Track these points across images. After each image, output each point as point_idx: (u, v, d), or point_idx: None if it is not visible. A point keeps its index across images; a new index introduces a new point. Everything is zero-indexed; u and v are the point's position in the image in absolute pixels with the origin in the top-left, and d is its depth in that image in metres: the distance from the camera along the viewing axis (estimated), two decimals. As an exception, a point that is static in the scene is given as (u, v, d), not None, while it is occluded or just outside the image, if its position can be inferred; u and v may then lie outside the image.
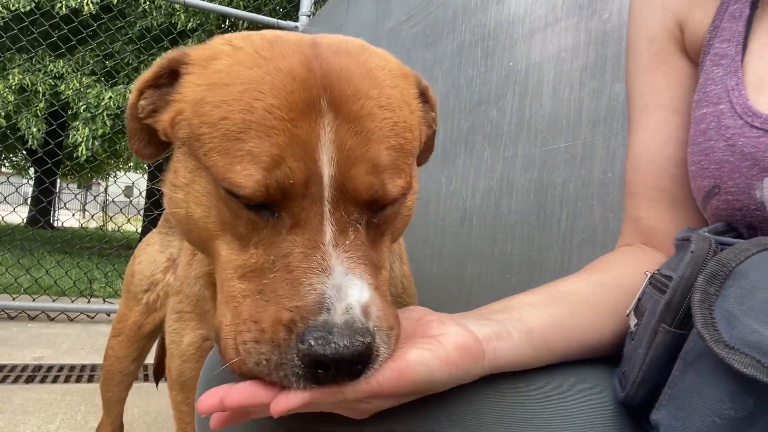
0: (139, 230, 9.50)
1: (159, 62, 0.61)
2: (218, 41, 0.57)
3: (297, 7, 3.86)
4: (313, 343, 0.43)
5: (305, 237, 0.48)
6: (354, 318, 0.45)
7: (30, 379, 2.42)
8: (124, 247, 5.95)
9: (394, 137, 0.52)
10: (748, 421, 0.40)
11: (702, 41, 0.64)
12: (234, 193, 0.48)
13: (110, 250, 5.79)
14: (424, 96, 0.64)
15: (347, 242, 0.49)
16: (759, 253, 0.43)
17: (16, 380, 2.39)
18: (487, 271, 1.59)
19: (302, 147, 0.48)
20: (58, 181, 12.14)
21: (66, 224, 10.05)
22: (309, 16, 3.65)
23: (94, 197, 6.63)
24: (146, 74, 0.63)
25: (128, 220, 5.50)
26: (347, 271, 0.47)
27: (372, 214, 0.52)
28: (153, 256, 1.33)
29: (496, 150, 1.60)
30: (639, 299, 0.55)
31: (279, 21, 3.71)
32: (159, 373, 1.67)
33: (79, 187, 15.29)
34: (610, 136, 1.20)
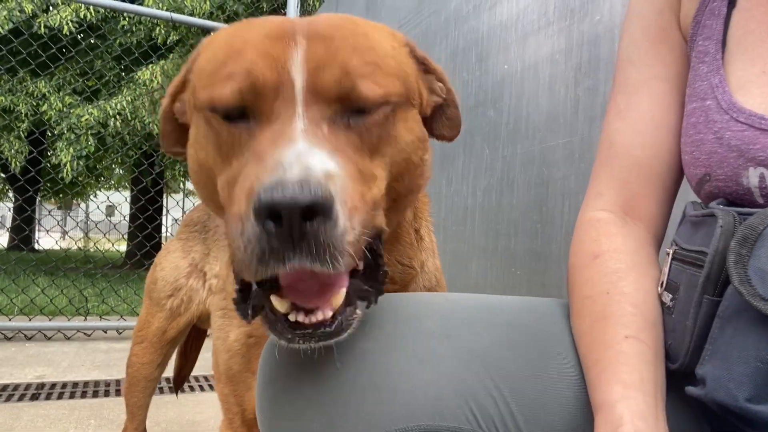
0: (123, 250, 9.42)
1: (184, 66, 0.69)
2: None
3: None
4: (262, 194, 0.43)
5: (275, 129, 0.52)
6: (310, 175, 0.45)
7: (35, 397, 2.41)
8: (110, 267, 5.91)
9: (369, 54, 0.57)
10: None
11: (688, 32, 0.69)
12: (215, 108, 0.55)
13: (95, 270, 5.74)
14: (422, 63, 0.69)
15: (319, 132, 0.52)
16: None
17: (21, 398, 2.38)
18: (491, 266, 1.65)
19: (274, 59, 0.54)
20: (38, 202, 11.98)
21: (48, 246, 9.94)
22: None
23: (77, 223, 6.55)
24: (176, 80, 0.70)
25: (112, 244, 5.46)
26: (313, 145, 0.49)
27: (350, 115, 0.55)
28: (175, 262, 1.37)
29: (495, 149, 1.67)
30: (668, 275, 0.60)
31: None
32: (178, 382, 1.69)
33: (59, 209, 15.09)
34: (607, 130, 1.28)
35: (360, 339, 0.56)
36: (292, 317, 0.52)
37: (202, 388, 2.70)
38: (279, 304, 0.53)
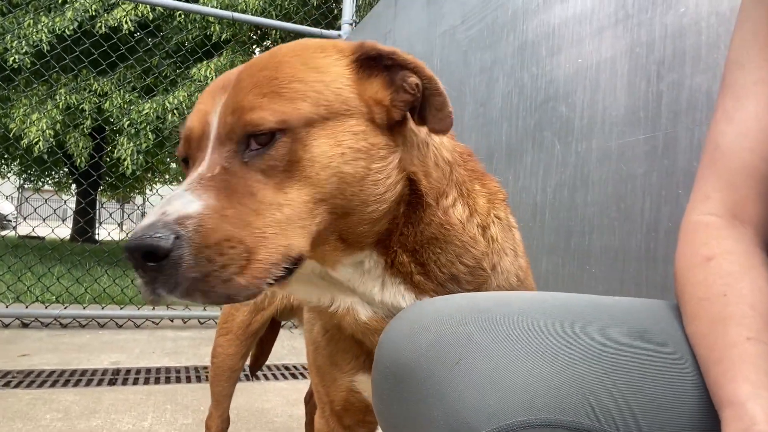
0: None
1: None
2: None
3: (337, 16, 3.96)
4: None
5: (188, 176, 0.62)
6: (159, 220, 0.53)
7: (112, 382, 2.55)
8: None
9: (268, 86, 0.63)
10: None
11: None
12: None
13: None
14: (385, 62, 0.70)
15: (209, 174, 0.60)
16: None
17: (99, 383, 2.52)
18: (563, 264, 1.64)
19: (203, 113, 0.65)
20: (98, 197, 12.52)
21: (109, 238, 10.38)
22: (351, 24, 3.73)
23: (137, 207, 6.82)
24: None
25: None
26: (188, 190, 0.58)
27: (248, 150, 0.62)
28: None
29: (566, 145, 1.65)
30: None
31: (322, 31, 3.81)
32: (254, 370, 1.76)
33: (118, 202, 15.75)
34: (693, 126, 1.24)
35: (476, 333, 0.58)
36: None
37: (267, 377, 2.79)
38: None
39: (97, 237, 11.63)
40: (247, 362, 1.59)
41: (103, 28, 7.01)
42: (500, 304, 0.62)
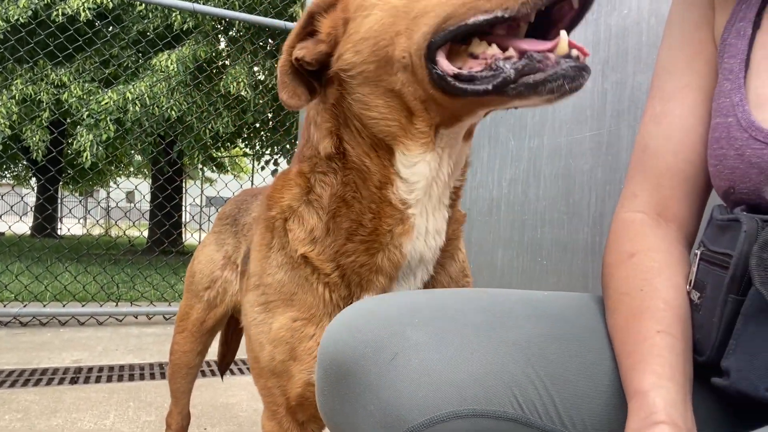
0: (145, 234, 9.60)
1: (305, 16, 0.81)
2: None
3: (302, 6, 3.93)
4: None
5: None
6: None
7: (74, 380, 2.52)
8: (137, 254, 6.04)
9: None
10: None
11: (718, 48, 0.72)
12: None
13: (121, 256, 5.86)
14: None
15: None
16: None
17: (61, 381, 2.49)
18: (517, 256, 1.69)
19: None
20: (60, 190, 12.19)
21: (71, 231, 10.10)
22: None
23: (98, 203, 6.68)
24: (294, 32, 0.80)
25: (139, 231, 5.56)
26: None
27: None
28: (210, 255, 1.43)
29: (520, 141, 1.70)
30: (695, 275, 0.64)
31: (286, 23, 3.78)
32: (222, 368, 1.77)
33: (80, 194, 15.37)
34: (635, 123, 1.30)
35: (411, 331, 0.61)
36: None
37: (232, 372, 2.80)
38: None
39: (59, 232, 11.35)
40: (212, 358, 1.61)
41: (60, 17, 6.80)
42: (435, 303, 0.66)
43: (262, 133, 9.29)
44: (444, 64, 0.69)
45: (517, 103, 0.69)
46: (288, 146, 8.71)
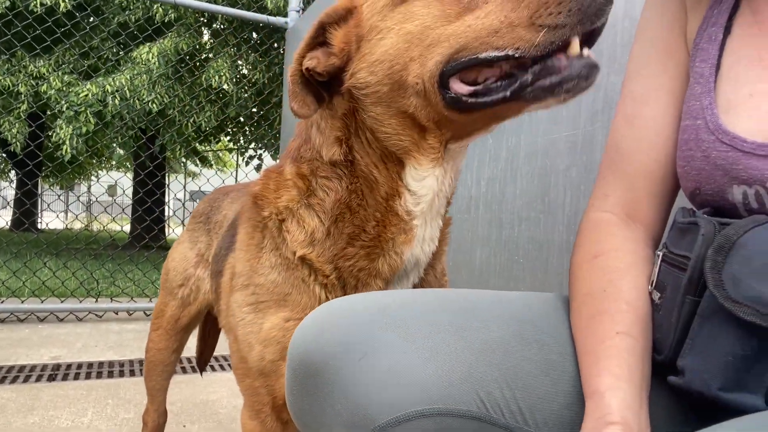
0: (127, 229, 9.49)
1: (315, 26, 0.81)
2: None
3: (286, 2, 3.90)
4: None
5: None
6: None
7: (52, 378, 2.50)
8: (118, 249, 5.98)
9: None
10: (754, 357, 0.52)
11: (690, 52, 0.74)
12: None
13: (101, 251, 5.79)
14: None
15: None
16: (754, 228, 0.54)
17: (39, 379, 2.47)
18: (494, 254, 1.71)
19: None
20: (40, 183, 12.00)
21: (51, 225, 9.97)
22: (299, 11, 3.70)
23: (77, 197, 6.59)
24: (304, 42, 0.80)
25: (119, 226, 5.50)
26: None
27: None
28: (184, 253, 1.43)
29: (498, 140, 1.72)
30: (657, 276, 0.66)
31: (269, 18, 3.76)
32: (201, 365, 1.77)
33: (61, 188, 15.14)
34: (609, 125, 1.32)
35: (380, 332, 0.62)
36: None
37: (213, 368, 2.79)
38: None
39: (38, 226, 11.18)
40: (192, 355, 1.61)
41: (38, 7, 6.68)
42: (405, 304, 0.67)
43: (246, 127, 9.23)
44: (458, 87, 0.72)
45: (533, 107, 0.71)
46: (273, 140, 8.66)
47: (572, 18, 0.64)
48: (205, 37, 7.99)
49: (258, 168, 8.19)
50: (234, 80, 7.15)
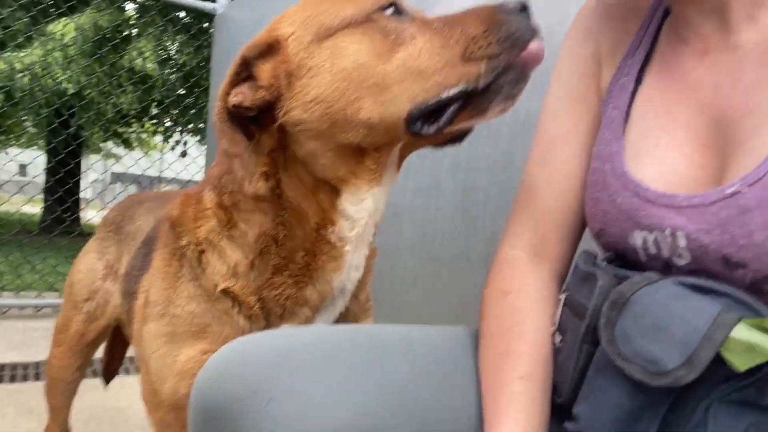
0: (38, 213, 8.90)
1: (239, 58, 0.79)
2: None
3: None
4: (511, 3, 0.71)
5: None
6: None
7: (-56, 384, 2.31)
8: (29, 236, 5.59)
9: None
10: (641, 412, 0.55)
11: (603, 98, 0.77)
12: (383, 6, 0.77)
13: (8, 237, 5.40)
14: None
15: None
16: (647, 285, 0.58)
17: (-72, 386, 2.28)
18: (420, 266, 1.73)
19: None
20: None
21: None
22: (229, -2, 3.57)
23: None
24: (229, 77, 0.78)
25: (29, 209, 5.12)
26: None
27: None
28: (91, 263, 1.35)
29: (422, 154, 1.73)
30: (559, 318, 0.69)
31: (196, 2, 3.61)
32: (107, 377, 1.69)
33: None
34: (527, 147, 1.36)
35: (285, 375, 0.61)
36: None
37: (127, 371, 2.67)
38: None
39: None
40: (100, 355, 1.53)
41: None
42: (311, 344, 0.66)
43: (173, 112, 8.85)
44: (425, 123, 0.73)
45: (486, 117, 0.74)
46: (201, 125, 8.36)
47: (503, 45, 0.68)
48: (130, 13, 7.56)
49: (183, 155, 7.86)
50: (160, 63, 6.83)
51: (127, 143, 11.64)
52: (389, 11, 0.74)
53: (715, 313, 0.51)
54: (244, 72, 0.76)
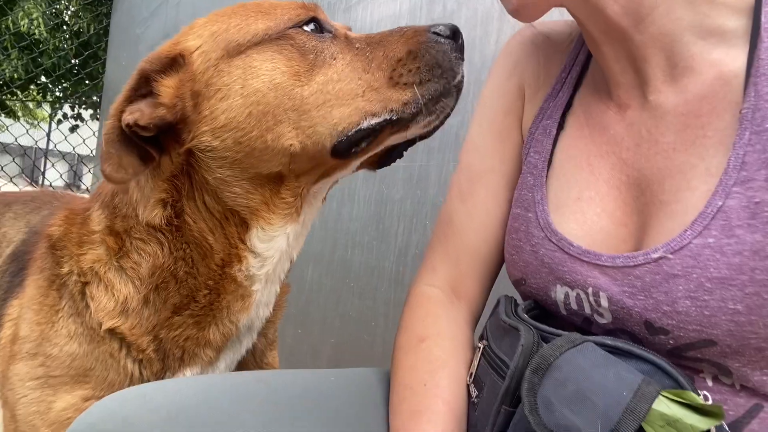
0: None
1: (136, 75, 0.71)
2: None
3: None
4: (442, 26, 0.68)
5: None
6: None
7: None
8: None
9: None
10: None
11: (525, 139, 0.75)
12: (298, 23, 0.71)
13: None
14: None
15: None
16: (569, 350, 0.55)
17: None
18: (327, 274, 1.67)
19: None
20: None
21: None
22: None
23: None
24: (124, 93, 0.69)
25: None
26: None
27: None
28: None
29: (338, 157, 1.67)
30: (476, 369, 0.65)
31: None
32: None
33: None
34: (443, 162, 1.34)
35: None
36: None
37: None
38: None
39: None
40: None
41: None
42: (204, 402, 0.58)
43: (65, 83, 8.13)
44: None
45: (413, 131, 0.70)
46: (96, 98, 7.74)
47: (432, 72, 0.65)
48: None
49: (73, 129, 7.23)
50: (53, 29, 6.23)
51: (11, 113, 10.58)
52: (309, 27, 0.67)
53: (636, 384, 0.49)
54: (143, 87, 0.67)
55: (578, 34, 0.73)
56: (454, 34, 0.67)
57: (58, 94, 8.58)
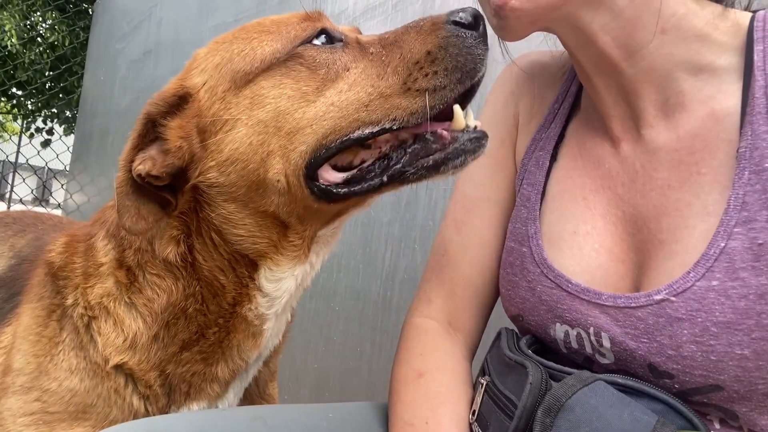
0: None
1: (144, 116, 0.68)
2: None
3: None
4: (461, 13, 0.63)
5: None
6: None
7: None
8: None
9: None
10: None
11: (518, 170, 0.74)
12: (308, 38, 0.68)
13: None
14: None
15: None
16: (581, 389, 0.53)
17: None
18: (311, 298, 1.64)
19: None
20: None
21: None
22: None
23: None
24: (132, 141, 0.67)
25: None
26: None
27: None
28: None
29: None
30: (480, 406, 0.63)
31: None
32: None
33: None
34: (432, 187, 1.33)
35: None
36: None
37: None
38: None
39: None
40: None
41: None
42: None
43: (41, 97, 7.97)
44: (328, 176, 0.62)
45: (418, 182, 0.65)
46: (69, 114, 7.59)
47: (451, 77, 0.60)
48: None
49: (45, 144, 7.06)
50: (26, 41, 6.12)
51: (-20, 126, 10.32)
52: (319, 40, 0.64)
53: (651, 425, 0.48)
54: (151, 133, 0.64)
55: (571, 65, 0.73)
56: (476, 19, 0.62)
57: (30, 107, 8.40)
